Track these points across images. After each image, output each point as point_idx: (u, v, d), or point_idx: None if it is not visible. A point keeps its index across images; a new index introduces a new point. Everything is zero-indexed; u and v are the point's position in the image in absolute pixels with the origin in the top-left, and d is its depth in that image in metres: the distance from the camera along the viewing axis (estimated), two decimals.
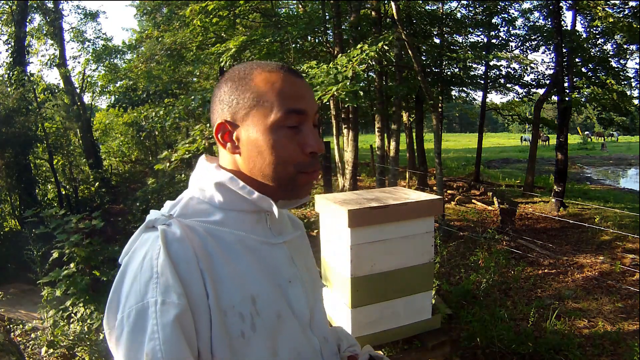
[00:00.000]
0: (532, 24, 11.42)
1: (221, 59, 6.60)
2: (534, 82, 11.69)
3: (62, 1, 12.27)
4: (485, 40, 11.40)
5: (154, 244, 0.62)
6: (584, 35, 9.92)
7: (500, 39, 11.52)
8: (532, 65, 11.19)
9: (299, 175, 0.70)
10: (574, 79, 9.52)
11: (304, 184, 0.72)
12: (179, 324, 0.57)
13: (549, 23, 10.03)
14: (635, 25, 8.19)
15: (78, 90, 12.07)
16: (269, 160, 0.68)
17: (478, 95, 13.47)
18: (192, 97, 5.39)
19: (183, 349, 0.57)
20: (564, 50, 8.29)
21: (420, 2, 10.66)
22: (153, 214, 0.68)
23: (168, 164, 4.56)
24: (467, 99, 14.19)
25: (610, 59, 10.01)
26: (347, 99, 4.68)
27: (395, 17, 6.33)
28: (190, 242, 0.64)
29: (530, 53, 17.62)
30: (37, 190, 8.44)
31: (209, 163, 0.74)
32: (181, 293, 0.59)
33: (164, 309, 0.57)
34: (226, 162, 0.73)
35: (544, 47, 11.27)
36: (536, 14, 11.65)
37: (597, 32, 9.73)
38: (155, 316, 0.57)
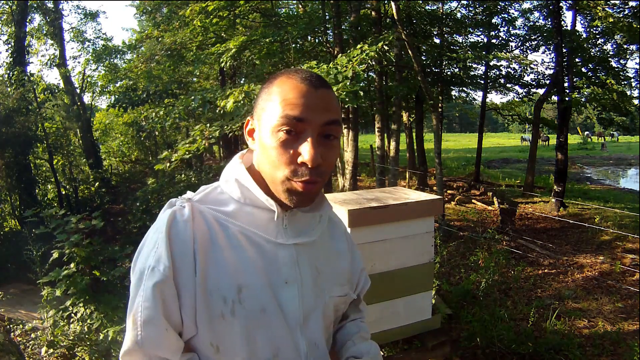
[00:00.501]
0: (532, 24, 11.43)
1: (221, 59, 6.60)
2: (534, 82, 11.70)
3: (62, 1, 12.28)
4: (485, 40, 11.40)
5: (165, 219, 0.72)
6: (584, 35, 9.92)
7: (500, 39, 11.53)
8: (532, 65, 11.20)
9: (289, 182, 0.71)
10: (574, 79, 9.52)
11: (292, 192, 0.72)
12: (158, 289, 0.68)
13: (549, 23, 10.03)
14: (635, 25, 8.19)
15: (78, 90, 12.07)
16: (268, 160, 0.72)
17: (478, 95, 13.49)
18: (192, 97, 5.38)
19: (157, 309, 0.68)
20: (564, 50, 8.29)
21: (420, 2, 10.65)
22: (179, 197, 0.78)
23: (168, 164, 4.55)
24: (467, 99, 14.19)
25: (610, 59, 10.02)
26: (347, 99, 4.68)
27: (395, 17, 6.33)
28: (195, 224, 0.72)
29: (530, 53, 17.63)
30: (37, 190, 8.44)
31: (240, 157, 0.81)
32: (167, 266, 0.68)
33: (151, 274, 0.69)
34: (253, 157, 0.80)
35: (544, 47, 11.29)
36: (536, 14, 11.65)
37: (597, 32, 9.73)
38: (145, 278, 0.69)
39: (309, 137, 0.70)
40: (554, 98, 9.28)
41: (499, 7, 10.57)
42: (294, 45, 7.79)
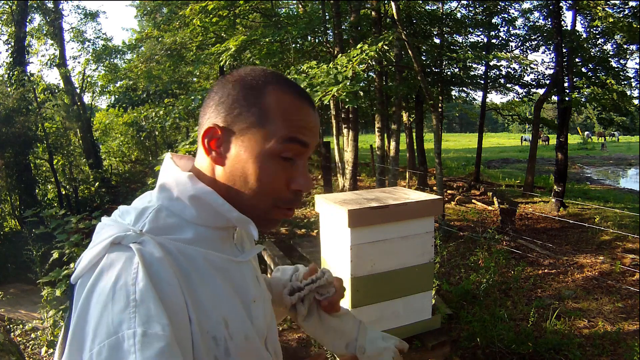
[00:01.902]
0: (532, 24, 11.44)
1: (221, 59, 6.60)
2: (534, 82, 11.71)
3: (62, 1, 12.28)
4: (485, 40, 11.41)
5: (128, 266, 0.53)
6: (584, 35, 9.92)
7: (500, 39, 11.53)
8: (532, 65, 11.21)
9: (274, 209, 0.65)
10: (574, 79, 9.52)
11: (275, 220, 0.67)
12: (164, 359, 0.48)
13: (549, 23, 10.03)
14: (635, 25, 8.19)
15: (78, 90, 12.07)
16: (251, 186, 0.63)
17: (478, 95, 13.50)
18: (192, 97, 5.39)
19: None
20: (564, 50, 8.29)
21: (420, 2, 10.66)
22: (114, 226, 0.59)
23: None
24: (467, 99, 14.21)
25: (610, 59, 10.02)
26: (347, 100, 4.68)
27: (395, 17, 6.33)
28: (169, 263, 0.56)
29: (530, 53, 17.66)
30: (37, 190, 8.44)
31: (180, 168, 0.67)
32: (166, 324, 0.50)
33: (145, 342, 0.48)
34: (204, 167, 0.66)
35: (544, 47, 11.29)
36: (536, 14, 11.69)
37: (597, 32, 9.73)
38: (134, 350, 0.47)
39: (304, 162, 0.64)
40: (554, 98, 9.28)
41: (499, 7, 10.57)
42: (294, 45, 7.79)
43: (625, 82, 10.14)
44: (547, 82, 10.65)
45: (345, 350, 0.90)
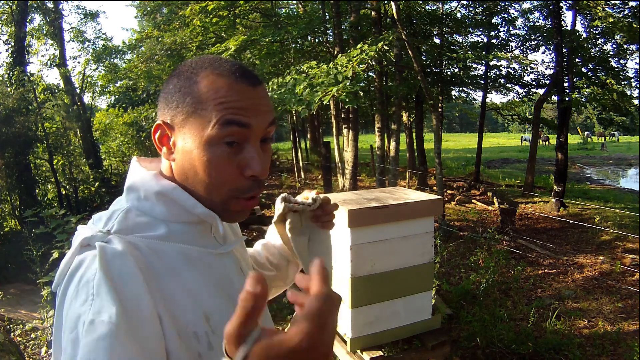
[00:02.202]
0: (532, 24, 11.44)
1: None
2: (534, 82, 11.70)
3: (62, 1, 12.28)
4: (485, 40, 11.41)
5: (91, 263, 0.53)
6: (584, 35, 9.92)
7: (500, 39, 11.53)
8: (532, 65, 11.21)
9: (232, 200, 0.62)
10: (574, 79, 9.52)
11: (237, 211, 0.64)
12: (104, 345, 0.47)
13: (549, 23, 10.02)
14: (635, 25, 8.19)
15: (78, 90, 12.07)
16: (202, 178, 0.61)
17: (478, 95, 13.50)
18: None
19: None
20: (564, 50, 8.29)
21: (420, 2, 10.66)
22: (85, 230, 0.59)
23: None
24: (467, 99, 14.20)
25: (610, 59, 10.02)
26: (347, 100, 4.68)
27: (395, 17, 6.33)
28: (134, 259, 0.55)
29: (530, 53, 17.64)
30: (37, 190, 8.44)
31: (145, 168, 0.66)
32: (114, 313, 0.49)
33: (90, 329, 0.48)
34: (164, 166, 0.66)
35: (544, 47, 11.29)
36: (536, 14, 11.67)
37: (597, 32, 9.73)
38: (81, 337, 0.48)
39: (253, 145, 0.61)
40: (554, 98, 9.28)
41: (499, 7, 10.57)
42: (294, 45, 7.79)
43: (625, 82, 10.14)
44: (547, 82, 10.65)
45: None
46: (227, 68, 0.61)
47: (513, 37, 11.55)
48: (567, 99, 7.86)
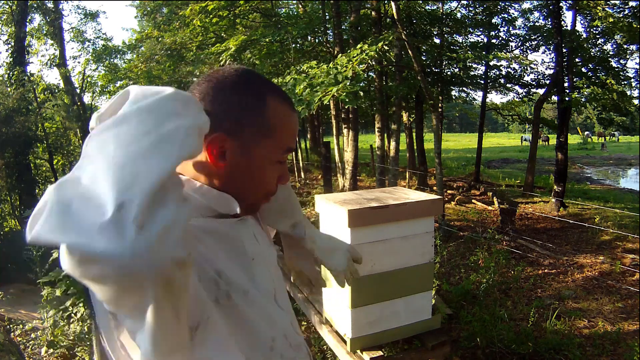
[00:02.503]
0: (532, 24, 11.44)
1: (221, 59, 6.60)
2: (534, 82, 11.70)
3: (62, 1, 12.28)
4: (485, 40, 11.41)
5: None
6: (584, 35, 9.92)
7: (500, 39, 11.53)
8: (532, 65, 11.21)
9: (263, 200, 0.76)
10: (574, 79, 9.52)
11: (259, 209, 0.78)
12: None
13: (549, 23, 10.02)
14: (635, 25, 8.19)
15: (78, 90, 12.05)
16: (253, 185, 0.71)
17: (478, 95, 13.49)
18: None
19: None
20: (564, 50, 8.29)
21: (420, 2, 10.66)
22: None
23: None
24: (467, 99, 14.19)
25: (610, 59, 10.01)
26: (347, 100, 4.68)
27: (395, 17, 6.33)
28: None
29: (530, 53, 17.64)
30: (37, 190, 8.44)
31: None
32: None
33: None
34: (200, 169, 0.69)
35: (544, 47, 11.29)
36: (536, 14, 11.66)
37: (597, 32, 9.72)
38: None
39: (286, 160, 0.76)
40: (554, 98, 9.28)
41: (499, 7, 10.57)
42: (294, 45, 7.80)
43: (625, 82, 10.14)
44: (547, 82, 10.65)
45: (291, 231, 0.93)
46: (284, 96, 0.72)
47: (513, 37, 11.55)
48: (567, 99, 7.86)
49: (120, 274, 0.41)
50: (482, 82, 11.62)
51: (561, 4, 8.31)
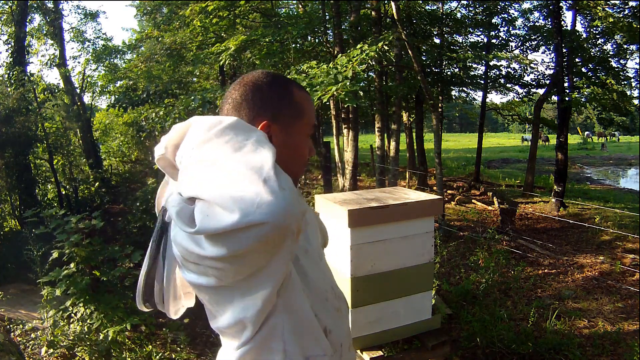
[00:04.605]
0: (532, 24, 11.43)
1: (221, 58, 6.60)
2: (534, 82, 11.70)
3: (62, 1, 12.25)
4: (485, 40, 11.40)
5: None
6: (584, 35, 9.92)
7: (500, 39, 11.52)
8: (532, 65, 11.20)
9: (302, 169, 0.93)
10: (574, 79, 9.52)
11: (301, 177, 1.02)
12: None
13: (549, 23, 10.02)
14: (635, 25, 8.18)
15: (78, 90, 12.04)
16: (296, 157, 0.87)
17: (478, 95, 13.48)
18: (192, 97, 5.38)
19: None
20: (564, 50, 8.29)
21: (420, 2, 10.65)
22: None
23: None
24: (467, 99, 14.18)
25: (610, 59, 10.01)
26: (347, 99, 4.68)
27: (395, 17, 6.33)
28: None
29: (530, 53, 17.62)
30: (37, 190, 8.43)
31: None
32: None
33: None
34: None
35: (544, 47, 11.28)
36: (536, 14, 11.64)
37: (597, 32, 9.72)
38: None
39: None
40: (554, 98, 9.28)
41: (499, 7, 10.57)
42: (294, 45, 7.79)
43: (625, 82, 10.13)
44: (547, 82, 10.65)
45: None
46: (301, 85, 0.92)
47: (513, 37, 11.55)
48: (567, 99, 7.86)
49: (279, 224, 0.59)
50: (482, 82, 11.61)
51: (561, 4, 8.31)
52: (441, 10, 10.75)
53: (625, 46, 9.75)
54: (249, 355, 0.74)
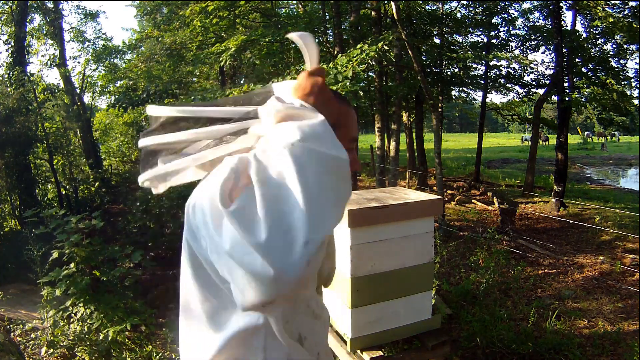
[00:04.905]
0: (532, 24, 11.44)
1: (221, 59, 6.60)
2: (534, 82, 11.70)
3: (62, 1, 12.26)
4: (485, 40, 11.41)
5: None
6: (584, 35, 9.92)
7: (500, 39, 11.53)
8: (532, 65, 11.20)
9: None
10: (574, 79, 9.52)
11: None
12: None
13: (549, 23, 10.02)
14: (635, 25, 8.18)
15: (78, 90, 12.04)
16: None
17: (478, 95, 13.49)
18: (192, 97, 5.38)
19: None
20: (564, 50, 8.29)
21: (420, 2, 10.65)
22: None
23: None
24: (467, 99, 14.19)
25: (610, 59, 10.01)
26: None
27: (395, 17, 6.33)
28: None
29: (530, 53, 17.61)
30: (37, 190, 8.43)
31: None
32: None
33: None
34: None
35: (544, 47, 11.29)
36: (536, 14, 11.66)
37: (597, 32, 9.72)
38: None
39: (355, 150, 0.93)
40: (554, 98, 9.28)
41: (499, 7, 10.57)
42: (294, 45, 7.78)
43: (625, 82, 10.13)
44: (547, 82, 10.65)
45: None
46: (341, 96, 0.92)
47: (513, 37, 11.56)
48: (567, 99, 7.86)
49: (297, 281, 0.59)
50: (482, 82, 11.62)
51: (561, 4, 8.31)
52: (441, 10, 10.75)
53: (625, 46, 9.76)
54: (230, 347, 0.75)
